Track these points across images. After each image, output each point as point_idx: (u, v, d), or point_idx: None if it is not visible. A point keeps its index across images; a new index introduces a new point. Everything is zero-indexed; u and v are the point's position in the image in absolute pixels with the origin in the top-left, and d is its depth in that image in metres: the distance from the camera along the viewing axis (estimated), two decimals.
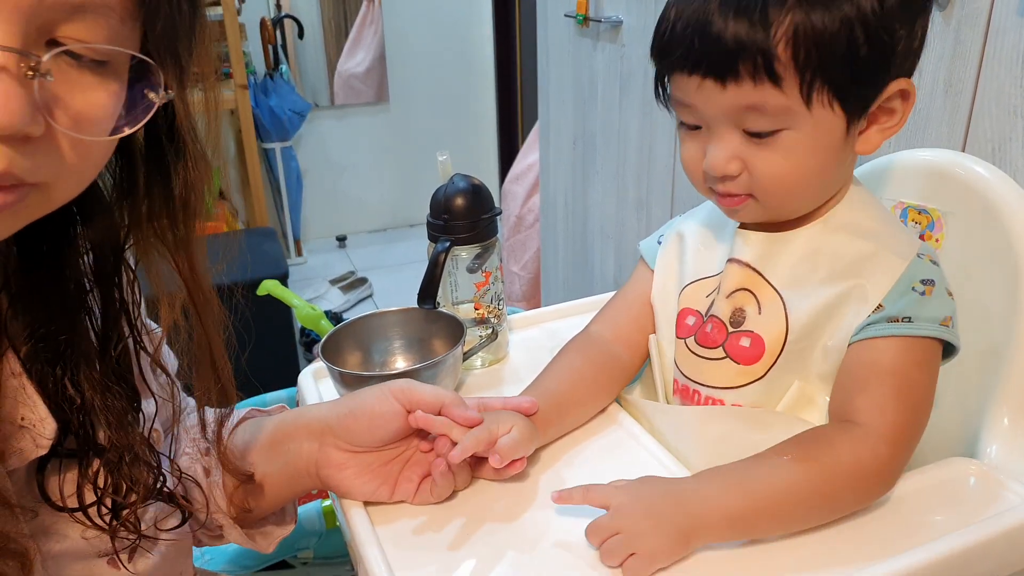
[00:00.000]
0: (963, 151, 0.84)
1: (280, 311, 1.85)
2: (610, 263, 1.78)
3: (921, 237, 0.70)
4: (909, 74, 0.56)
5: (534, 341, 0.85)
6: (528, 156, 2.26)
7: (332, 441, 0.60)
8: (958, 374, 0.67)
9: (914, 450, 0.57)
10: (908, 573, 0.50)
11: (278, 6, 2.93)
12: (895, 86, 0.55)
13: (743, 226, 0.63)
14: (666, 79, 0.59)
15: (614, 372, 0.70)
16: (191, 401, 0.63)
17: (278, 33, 2.90)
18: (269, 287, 1.35)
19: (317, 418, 0.61)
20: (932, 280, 0.58)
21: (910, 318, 0.56)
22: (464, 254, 0.78)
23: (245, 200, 2.97)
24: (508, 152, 3.04)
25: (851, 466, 0.54)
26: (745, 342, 0.61)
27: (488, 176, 3.22)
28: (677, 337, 0.66)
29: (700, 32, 0.53)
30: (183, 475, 0.56)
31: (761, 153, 0.56)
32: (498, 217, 0.79)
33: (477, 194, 0.77)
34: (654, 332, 0.70)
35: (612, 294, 0.76)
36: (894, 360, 0.56)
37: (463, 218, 0.76)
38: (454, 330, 0.76)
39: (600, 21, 1.58)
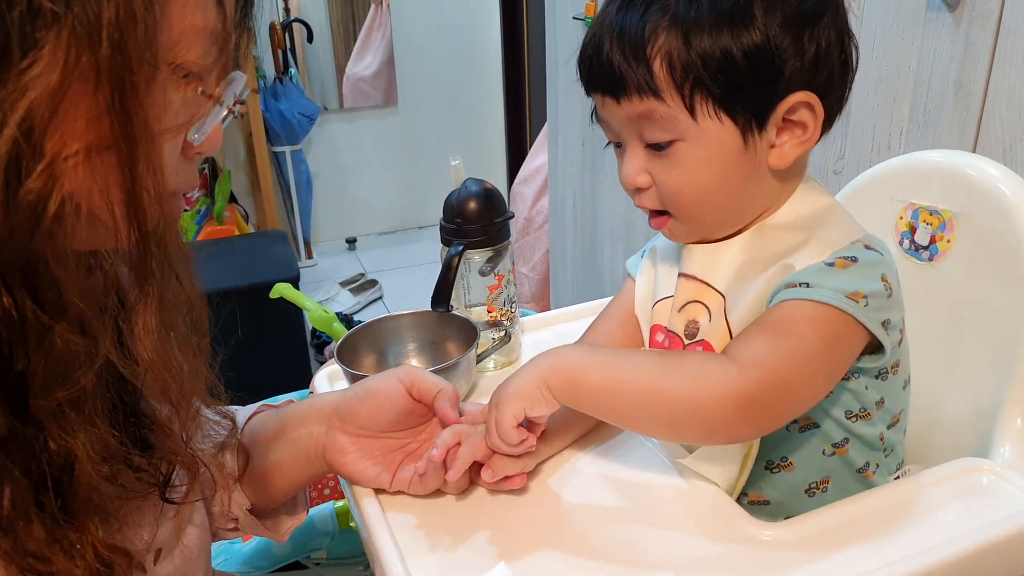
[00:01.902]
0: (974, 152, 0.84)
1: (291, 313, 1.87)
2: (619, 264, 1.79)
3: (932, 238, 0.70)
4: (813, 87, 0.56)
5: (546, 343, 0.85)
6: (537, 158, 2.26)
7: (339, 424, 0.63)
8: (970, 374, 0.68)
9: (787, 399, 0.54)
10: (919, 573, 0.51)
11: (287, 10, 2.95)
12: (794, 99, 0.56)
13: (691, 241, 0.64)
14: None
15: None
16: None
17: (287, 37, 2.91)
18: (282, 290, 1.35)
19: (327, 403, 0.64)
20: (854, 257, 0.56)
21: (808, 283, 0.55)
22: (477, 258, 0.79)
23: (256, 203, 2.99)
24: (517, 154, 3.05)
25: (694, 371, 0.53)
26: (698, 352, 0.61)
27: (497, 178, 3.23)
28: None
29: (596, 53, 0.58)
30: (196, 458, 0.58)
31: (663, 166, 0.58)
32: (510, 220, 0.80)
33: (489, 198, 0.78)
34: (643, 344, 0.70)
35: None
36: (782, 315, 0.55)
37: (476, 222, 0.77)
38: (467, 333, 0.76)
39: None
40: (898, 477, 0.64)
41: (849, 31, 0.58)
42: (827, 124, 0.59)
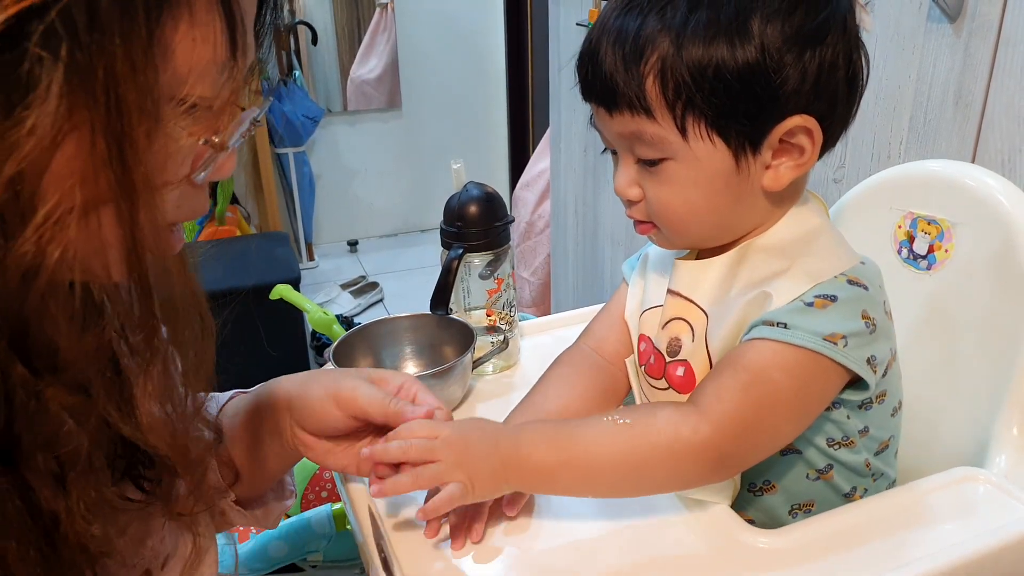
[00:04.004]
0: (973, 163, 0.85)
1: (292, 315, 1.87)
2: (620, 270, 1.79)
3: (930, 248, 0.70)
4: (812, 110, 0.54)
5: (545, 348, 0.85)
6: (539, 163, 2.26)
7: (298, 422, 0.61)
8: (966, 384, 0.68)
9: (753, 449, 0.55)
10: None
11: (292, 12, 2.95)
12: (791, 123, 0.54)
13: (680, 256, 0.63)
14: None
15: (606, 384, 0.69)
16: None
17: (292, 39, 2.92)
18: (282, 291, 1.36)
19: (282, 397, 0.62)
20: (832, 296, 0.54)
21: (786, 324, 0.54)
22: (477, 261, 0.79)
23: (258, 205, 2.99)
24: (519, 158, 3.05)
25: (667, 438, 0.53)
26: (680, 371, 0.61)
27: (499, 182, 3.23)
28: (639, 364, 0.66)
29: (592, 63, 0.56)
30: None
31: (652, 182, 0.57)
32: (510, 224, 0.80)
33: (490, 202, 0.78)
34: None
35: None
36: (755, 358, 0.54)
37: (476, 226, 0.77)
38: (465, 336, 0.76)
39: None
40: None
41: (858, 49, 0.56)
42: (831, 143, 0.57)
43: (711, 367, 0.59)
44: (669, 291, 0.63)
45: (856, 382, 0.56)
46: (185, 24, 0.36)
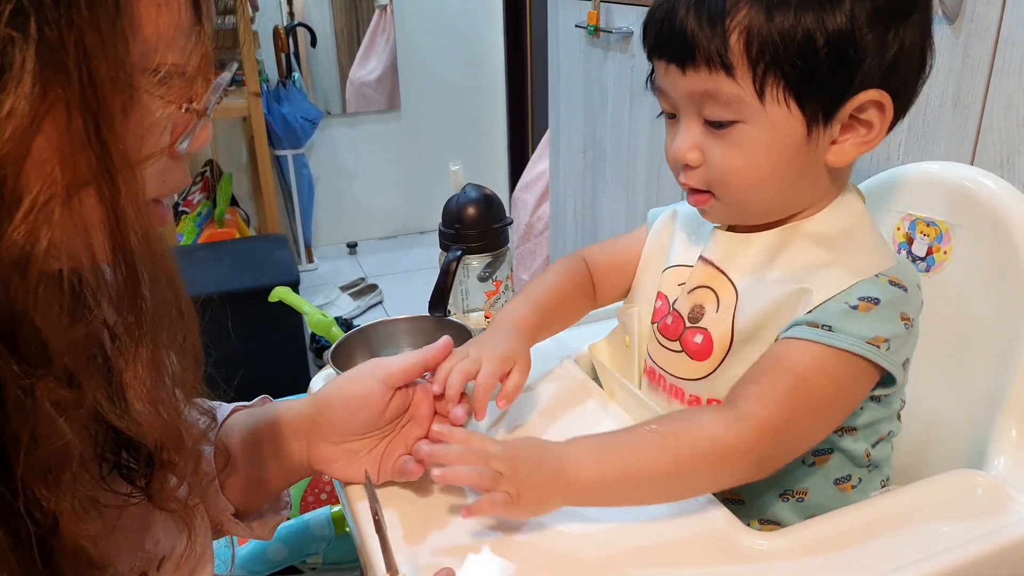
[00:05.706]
0: (972, 164, 0.85)
1: (291, 317, 1.87)
2: None
3: (929, 249, 0.70)
4: (888, 86, 0.55)
5: (544, 349, 0.85)
6: (538, 165, 2.27)
7: (319, 435, 0.62)
8: (965, 386, 0.68)
9: (793, 450, 0.56)
10: None
11: (291, 15, 2.96)
12: (865, 96, 0.54)
13: (718, 225, 0.64)
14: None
15: (588, 294, 0.74)
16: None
17: (291, 41, 2.92)
18: (281, 294, 1.36)
19: (299, 416, 0.63)
20: (875, 299, 0.55)
21: (831, 327, 0.54)
22: (475, 263, 0.79)
23: (257, 207, 2.99)
24: (518, 160, 3.05)
25: (710, 444, 0.54)
26: (698, 338, 0.61)
27: (498, 184, 3.23)
28: (652, 321, 0.67)
29: (668, 18, 0.55)
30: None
31: (718, 145, 0.57)
32: (508, 226, 0.80)
33: (488, 204, 0.78)
34: (627, 287, 0.72)
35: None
36: (799, 361, 0.55)
37: (474, 228, 0.77)
38: (463, 338, 0.76)
39: (611, 32, 1.59)
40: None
41: (931, 35, 0.56)
42: (891, 126, 0.58)
43: (732, 341, 0.60)
44: (701, 258, 0.63)
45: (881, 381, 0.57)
46: None
